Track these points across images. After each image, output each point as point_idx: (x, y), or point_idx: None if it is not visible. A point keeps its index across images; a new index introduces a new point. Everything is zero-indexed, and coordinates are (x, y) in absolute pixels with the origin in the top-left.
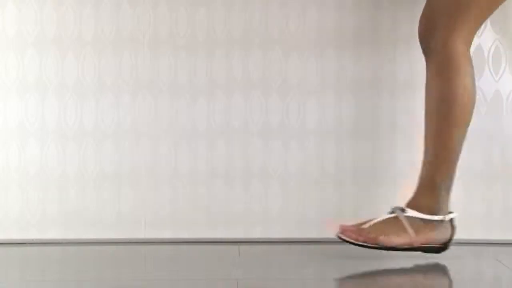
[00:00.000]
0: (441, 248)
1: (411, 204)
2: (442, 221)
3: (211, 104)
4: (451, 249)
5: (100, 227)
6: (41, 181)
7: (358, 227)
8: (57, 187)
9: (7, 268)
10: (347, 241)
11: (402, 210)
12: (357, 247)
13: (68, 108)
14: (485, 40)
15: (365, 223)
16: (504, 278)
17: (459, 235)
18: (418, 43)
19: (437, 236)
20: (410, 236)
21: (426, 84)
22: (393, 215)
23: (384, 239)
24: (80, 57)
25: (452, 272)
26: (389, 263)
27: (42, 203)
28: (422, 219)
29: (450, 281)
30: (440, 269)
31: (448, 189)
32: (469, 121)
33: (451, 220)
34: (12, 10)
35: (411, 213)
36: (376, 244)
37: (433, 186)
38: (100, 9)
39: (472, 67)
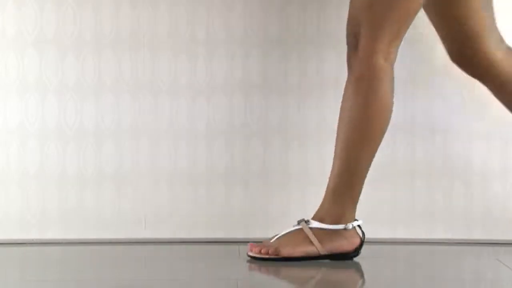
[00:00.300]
0: (352, 254)
1: (316, 215)
2: (345, 229)
3: (211, 104)
4: (451, 249)
5: (100, 227)
6: (41, 181)
7: (263, 243)
8: (57, 187)
9: (7, 268)
10: (253, 257)
11: (307, 221)
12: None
13: (68, 108)
14: None
15: (273, 238)
16: (504, 278)
17: (459, 235)
18: (417, 43)
19: (342, 244)
20: (315, 247)
21: (344, 93)
22: (298, 227)
23: (287, 252)
24: (80, 57)
25: (452, 272)
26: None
27: (42, 203)
28: (325, 229)
29: (450, 281)
30: (439, 269)
31: (354, 199)
32: (382, 136)
33: (359, 227)
34: (12, 10)
35: (315, 224)
36: (279, 255)
37: (338, 197)
38: (100, 9)
39: (392, 82)
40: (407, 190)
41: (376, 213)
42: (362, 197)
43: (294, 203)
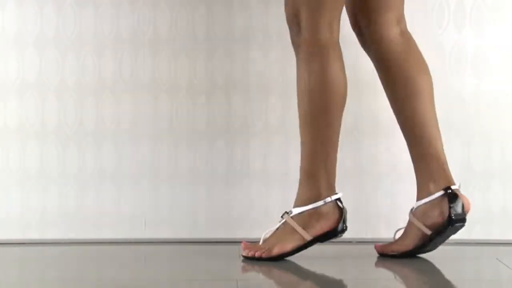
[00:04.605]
0: (339, 231)
1: (296, 202)
2: (325, 204)
3: (211, 104)
4: (451, 248)
5: (100, 227)
6: (41, 181)
7: (255, 245)
8: (57, 187)
9: (7, 268)
10: (247, 257)
11: (289, 212)
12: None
13: (68, 108)
14: (487, 39)
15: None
16: (504, 278)
17: (459, 235)
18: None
19: (325, 223)
20: (301, 235)
21: (296, 77)
22: (282, 221)
23: (278, 249)
24: (80, 57)
25: (452, 272)
26: (389, 264)
27: (42, 203)
28: (305, 212)
29: (450, 281)
30: (439, 269)
31: (329, 177)
32: (341, 109)
33: (338, 203)
34: (12, 10)
35: (295, 211)
36: (272, 256)
37: (312, 178)
38: (100, 9)
39: (340, 57)
40: (407, 190)
41: (376, 213)
42: (362, 197)
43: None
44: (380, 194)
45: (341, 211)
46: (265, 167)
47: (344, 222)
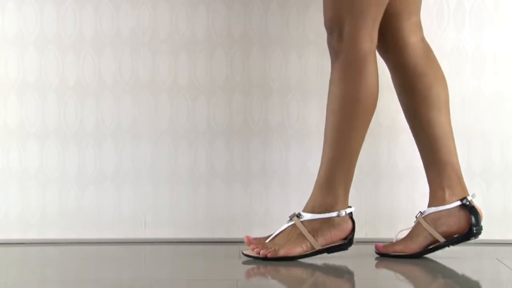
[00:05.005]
0: (345, 244)
1: (307, 206)
2: (339, 216)
3: (211, 104)
4: (451, 249)
5: (100, 227)
6: (41, 181)
7: (260, 241)
8: (57, 187)
9: (7, 268)
10: (249, 256)
11: (299, 215)
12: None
13: (68, 108)
14: (486, 39)
15: (270, 236)
16: (504, 278)
17: None
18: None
19: (337, 233)
20: (310, 241)
21: (330, 82)
22: (291, 223)
23: (284, 252)
24: (80, 57)
25: (452, 272)
26: (388, 263)
27: (42, 203)
28: (318, 219)
29: (451, 281)
30: (440, 269)
31: (346, 186)
32: (370, 120)
33: (350, 215)
34: (12, 10)
35: (307, 216)
36: (277, 257)
37: (330, 184)
38: (100, 9)
39: (376, 66)
40: (407, 190)
41: (376, 213)
42: (361, 197)
43: (294, 203)
44: (380, 194)
45: (353, 224)
46: (265, 167)
47: (353, 235)
